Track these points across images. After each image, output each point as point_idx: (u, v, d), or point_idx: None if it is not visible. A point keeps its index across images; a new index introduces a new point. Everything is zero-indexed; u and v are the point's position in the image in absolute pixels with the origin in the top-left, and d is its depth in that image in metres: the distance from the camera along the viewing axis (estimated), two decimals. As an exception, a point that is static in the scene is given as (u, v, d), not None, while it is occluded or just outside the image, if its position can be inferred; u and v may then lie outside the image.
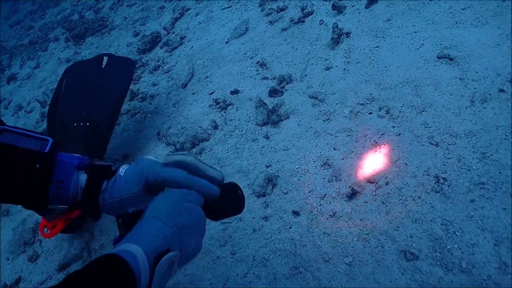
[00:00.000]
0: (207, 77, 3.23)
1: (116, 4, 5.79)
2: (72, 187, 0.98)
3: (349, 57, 2.60)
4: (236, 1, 4.06)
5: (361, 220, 1.76)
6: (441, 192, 1.70)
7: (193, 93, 3.14)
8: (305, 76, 2.69)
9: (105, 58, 2.93)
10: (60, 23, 6.39)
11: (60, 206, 1.00)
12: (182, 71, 3.51)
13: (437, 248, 1.54)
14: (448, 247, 1.52)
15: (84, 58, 4.89)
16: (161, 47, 4.11)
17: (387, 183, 1.84)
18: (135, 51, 4.28)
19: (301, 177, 2.08)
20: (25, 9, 8.41)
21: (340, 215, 1.82)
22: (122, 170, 1.01)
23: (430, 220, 1.63)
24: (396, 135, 2.01)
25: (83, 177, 1.00)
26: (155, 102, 3.34)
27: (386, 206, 1.76)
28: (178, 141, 2.65)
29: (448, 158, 1.80)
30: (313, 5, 3.26)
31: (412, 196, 1.74)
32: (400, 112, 2.11)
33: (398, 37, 2.54)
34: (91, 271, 0.73)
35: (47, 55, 5.69)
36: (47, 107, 4.39)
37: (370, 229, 1.71)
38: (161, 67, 3.80)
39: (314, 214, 1.88)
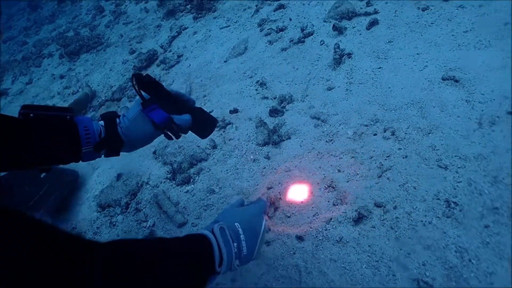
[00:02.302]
0: (205, 96, 3.17)
1: (112, 22, 5.77)
2: (95, 127, 1.34)
3: (352, 78, 2.57)
4: (235, 20, 4.05)
5: (369, 246, 1.68)
6: (452, 217, 1.64)
7: (191, 112, 3.07)
8: (307, 96, 2.64)
9: None
10: (54, 40, 6.33)
11: (89, 148, 1.32)
12: (179, 90, 3.44)
13: (452, 277, 1.46)
14: (464, 276, 1.45)
15: (78, 75, 4.83)
16: (157, 65, 4.06)
17: (395, 207, 1.77)
18: (131, 69, 4.22)
19: (304, 200, 2.00)
20: (19, 26, 8.35)
21: (347, 240, 1.74)
22: (125, 110, 1.46)
23: (443, 246, 1.56)
24: (403, 157, 1.96)
25: (101, 122, 1.39)
26: (151, 120, 3.25)
27: (396, 232, 1.69)
28: (175, 161, 2.56)
29: (458, 182, 1.74)
30: (313, 26, 3.25)
31: (422, 221, 1.67)
32: (406, 133, 2.06)
33: (400, 58, 2.52)
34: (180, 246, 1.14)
35: (40, 71, 5.61)
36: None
37: (379, 255, 1.63)
38: (157, 85, 3.73)
39: (320, 239, 1.80)
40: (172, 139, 1.51)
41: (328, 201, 1.94)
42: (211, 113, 2.89)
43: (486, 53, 2.23)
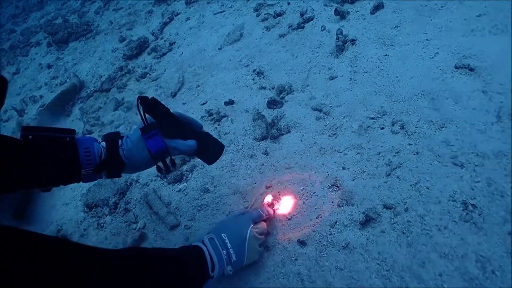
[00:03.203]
0: (199, 86, 2.99)
1: (102, 8, 5.52)
2: (96, 149, 1.34)
3: (356, 66, 2.39)
4: (230, 5, 3.83)
5: (379, 253, 1.52)
6: (471, 221, 1.48)
7: (184, 103, 2.89)
8: (307, 86, 2.46)
9: None
10: (42, 27, 6.08)
11: (90, 170, 1.33)
12: (171, 79, 3.26)
13: (474, 291, 1.31)
14: (488, 290, 1.30)
15: (66, 64, 4.61)
16: (148, 53, 3.85)
17: (406, 209, 1.61)
18: (121, 57, 4.01)
19: (306, 200, 1.84)
20: (7, 13, 8.06)
21: (354, 246, 1.58)
22: (128, 132, 1.45)
23: (462, 255, 1.40)
24: (414, 154, 1.79)
25: (103, 143, 1.39)
26: (141, 112, 3.07)
27: (408, 237, 1.53)
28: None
29: (477, 182, 1.58)
30: (313, 10, 3.05)
31: (437, 225, 1.51)
32: (416, 127, 1.89)
33: (408, 45, 2.34)
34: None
35: (28, 60, 5.37)
36: (25, 115, 4.12)
37: (390, 264, 1.47)
38: (148, 75, 3.54)
39: (324, 245, 1.64)
40: (162, 173, 1.50)
41: (332, 202, 1.78)
42: (204, 105, 2.73)
43: (503, 38, 2.05)
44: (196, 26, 3.84)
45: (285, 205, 1.85)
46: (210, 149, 1.61)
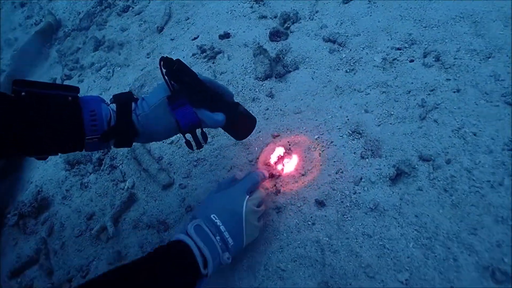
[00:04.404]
0: (188, 18, 2.57)
1: None
2: (104, 111, 1.09)
3: (376, -15, 1.97)
4: None
5: (416, 216, 1.25)
6: (533, 175, 1.19)
7: (172, 39, 2.50)
8: (316, 12, 2.07)
9: None
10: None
11: (95, 137, 1.07)
12: (156, 12, 2.83)
13: (544, 265, 1.05)
14: None
15: (41, 1, 4.10)
16: (130, -18, 3.36)
17: (448, 161, 1.31)
18: (100, -11, 3.51)
19: (322, 151, 1.54)
20: None
21: (385, 207, 1.30)
22: (144, 95, 1.21)
23: (525, 219, 1.12)
24: (454, 92, 1.46)
25: (112, 105, 1.15)
26: (125, 51, 2.68)
27: (452, 196, 1.24)
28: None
29: (538, 124, 1.27)
30: None
31: (489, 181, 1.22)
32: (455, 59, 1.54)
33: (441, -45, 1.91)
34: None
35: (-2, -3, 4.83)
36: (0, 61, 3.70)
37: (432, 230, 1.20)
38: (131, 8, 3.09)
39: (347, 206, 1.36)
40: (192, 148, 1.29)
41: (355, 153, 1.48)
42: (196, 40, 2.34)
43: None
44: None
45: (296, 159, 1.56)
46: (240, 123, 1.38)
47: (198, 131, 1.27)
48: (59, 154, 1.13)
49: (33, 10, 4.09)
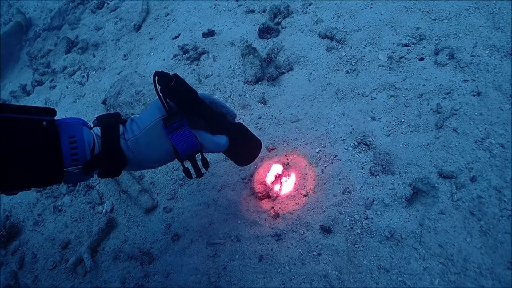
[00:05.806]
0: (168, 14, 2.34)
1: None
2: (86, 137, 0.93)
3: (375, -27, 1.77)
4: None
5: (440, 246, 1.07)
6: None
7: (151, 38, 2.27)
8: (310, 5, 1.86)
9: None
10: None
11: (76, 168, 0.91)
12: (133, 8, 2.59)
13: None
14: None
15: (8, -3, 3.82)
16: (105, -23, 3.10)
17: (473, 179, 1.13)
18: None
19: (326, 167, 1.35)
20: None
21: (403, 236, 1.12)
22: (134, 116, 1.04)
23: None
24: (474, 95, 1.28)
25: (95, 129, 0.98)
26: (100, 53, 2.45)
27: (480, 221, 1.07)
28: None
29: None
30: None
31: (525, 203, 1.05)
32: (472, 56, 1.35)
33: None
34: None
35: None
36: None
37: (460, 264, 1.02)
38: (106, 4, 2.85)
39: (358, 233, 1.18)
40: (191, 177, 1.09)
41: (363, 169, 1.29)
42: (177, 39, 2.12)
43: None
44: None
45: (296, 177, 1.36)
46: (243, 147, 1.18)
47: (198, 156, 1.06)
48: (33, 188, 0.95)
49: (2, 9, 3.81)
